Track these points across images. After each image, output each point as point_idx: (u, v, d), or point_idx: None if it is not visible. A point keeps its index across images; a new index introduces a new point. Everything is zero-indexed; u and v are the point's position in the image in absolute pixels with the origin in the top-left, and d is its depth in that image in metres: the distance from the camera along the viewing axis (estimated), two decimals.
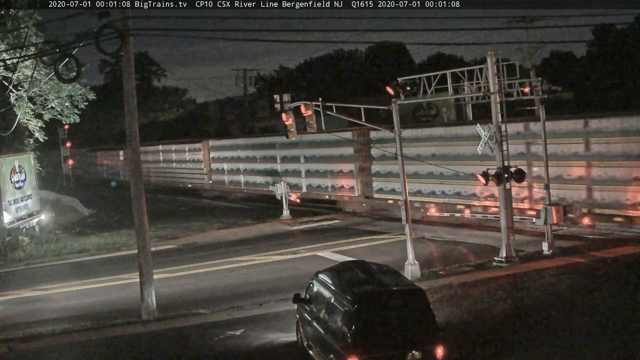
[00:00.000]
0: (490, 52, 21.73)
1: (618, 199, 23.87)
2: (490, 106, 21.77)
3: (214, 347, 15.55)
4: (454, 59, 78.55)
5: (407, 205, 20.76)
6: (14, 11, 30.42)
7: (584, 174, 25.05)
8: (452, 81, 27.22)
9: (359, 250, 25.08)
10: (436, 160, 28.58)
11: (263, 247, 27.87)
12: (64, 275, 25.02)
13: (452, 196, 29.51)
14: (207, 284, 22.32)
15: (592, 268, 19.50)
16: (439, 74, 26.07)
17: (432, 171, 29.18)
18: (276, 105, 25.94)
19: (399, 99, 21.44)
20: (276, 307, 18.24)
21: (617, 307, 15.79)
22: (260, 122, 75.15)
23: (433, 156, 29.41)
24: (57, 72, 20.43)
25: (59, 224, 36.84)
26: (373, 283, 12.89)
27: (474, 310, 16.55)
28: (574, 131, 25.49)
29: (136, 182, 18.75)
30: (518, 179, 21.41)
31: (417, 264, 20.69)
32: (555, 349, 13.69)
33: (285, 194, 35.23)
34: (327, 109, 22.39)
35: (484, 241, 25.08)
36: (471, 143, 25.43)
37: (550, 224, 21.94)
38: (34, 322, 18.64)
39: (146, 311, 18.44)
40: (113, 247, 30.02)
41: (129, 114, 18.57)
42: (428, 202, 30.49)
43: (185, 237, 31.67)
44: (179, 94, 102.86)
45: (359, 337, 11.73)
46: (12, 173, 32.93)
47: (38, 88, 31.81)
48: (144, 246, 18.67)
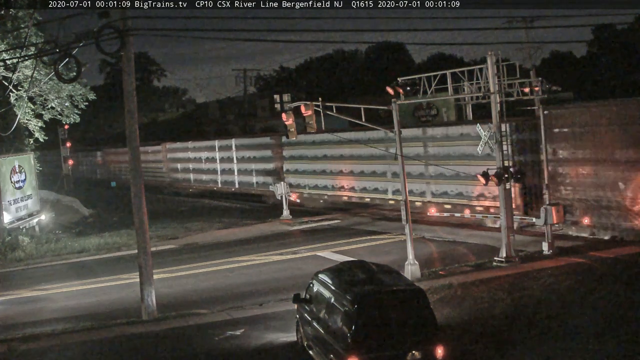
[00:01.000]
0: (491, 52, 21.72)
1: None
2: (490, 106, 21.77)
3: (214, 347, 15.55)
4: (454, 59, 78.55)
5: (407, 205, 20.75)
6: (14, 11, 30.42)
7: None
8: (452, 81, 27.25)
9: (359, 250, 25.07)
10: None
11: (263, 247, 27.87)
12: (64, 275, 25.03)
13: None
14: (207, 284, 22.32)
15: (592, 268, 19.50)
16: (439, 74, 26.10)
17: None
18: (276, 105, 26.08)
19: (399, 99, 21.43)
20: (276, 307, 18.24)
21: (617, 307, 15.77)
22: (260, 122, 75.20)
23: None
24: (57, 72, 20.39)
25: (59, 224, 36.86)
26: (373, 283, 12.89)
27: (474, 310, 16.55)
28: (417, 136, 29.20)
29: (136, 182, 18.75)
30: (518, 179, 21.41)
31: (417, 264, 20.69)
32: (555, 349, 13.69)
33: (285, 194, 35.23)
34: (327, 109, 22.40)
35: (483, 241, 25.07)
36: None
37: (551, 224, 21.94)
38: (34, 322, 18.66)
39: (146, 311, 18.45)
40: (113, 247, 30.02)
41: (129, 114, 18.57)
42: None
43: (185, 237, 31.67)
44: (179, 94, 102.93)
45: (359, 337, 11.73)
46: (12, 173, 32.94)
47: (38, 88, 31.80)
48: (144, 246, 18.68)
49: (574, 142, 24.12)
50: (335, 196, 36.11)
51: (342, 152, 34.94)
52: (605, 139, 23.07)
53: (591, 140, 23.56)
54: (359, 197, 34.51)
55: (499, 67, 21.79)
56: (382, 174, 32.26)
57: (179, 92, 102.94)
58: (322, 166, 36.53)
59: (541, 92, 24.82)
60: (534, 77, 25.86)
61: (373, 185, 33.08)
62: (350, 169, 34.72)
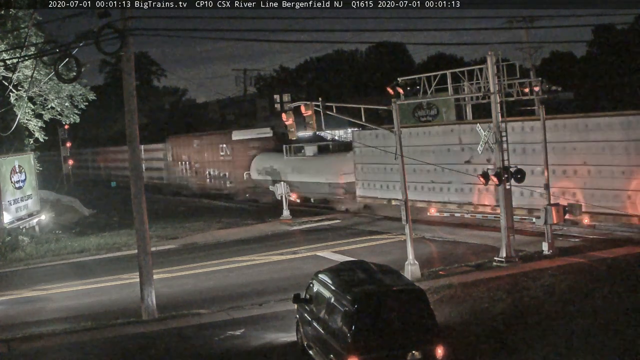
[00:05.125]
0: (491, 52, 21.72)
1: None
2: (490, 106, 21.76)
3: (214, 347, 15.55)
4: (454, 59, 78.51)
5: (407, 205, 20.74)
6: (14, 11, 30.38)
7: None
8: (452, 81, 27.23)
9: (359, 250, 25.07)
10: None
11: (263, 247, 27.87)
12: (64, 275, 25.03)
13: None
14: (207, 284, 22.32)
15: (592, 268, 19.49)
16: (439, 74, 26.10)
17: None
18: (276, 105, 26.08)
19: (399, 99, 21.43)
20: (276, 307, 18.23)
21: (617, 307, 15.77)
22: (261, 122, 75.11)
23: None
24: (57, 72, 20.42)
25: (59, 224, 36.83)
26: (373, 283, 12.90)
27: (474, 310, 16.54)
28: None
29: (136, 181, 18.75)
30: (518, 179, 21.39)
31: (417, 264, 20.68)
32: (555, 349, 13.68)
33: (285, 194, 35.20)
34: (327, 109, 22.39)
35: (483, 241, 25.07)
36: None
37: (551, 224, 21.93)
38: (34, 322, 18.65)
39: (146, 311, 18.44)
40: (113, 247, 30.01)
41: (129, 114, 18.56)
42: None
43: (185, 237, 31.66)
44: (179, 93, 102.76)
45: (359, 337, 11.73)
46: (12, 173, 32.93)
47: (38, 88, 31.78)
48: (144, 246, 18.67)
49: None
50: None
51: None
52: None
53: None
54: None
55: (499, 67, 21.79)
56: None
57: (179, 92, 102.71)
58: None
59: (541, 92, 24.83)
60: (534, 77, 25.87)
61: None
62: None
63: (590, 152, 23.50)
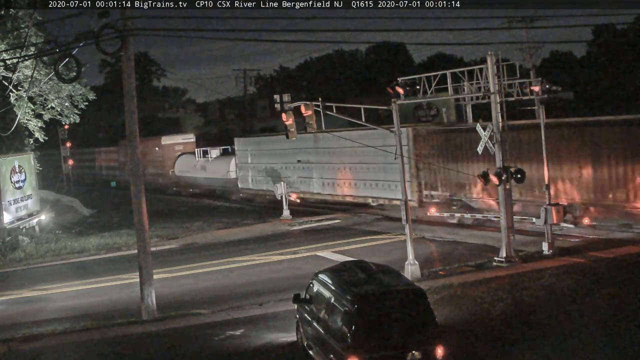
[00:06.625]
0: (491, 52, 21.71)
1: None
2: (490, 106, 21.75)
3: (214, 347, 15.55)
4: (454, 59, 78.58)
5: (407, 205, 20.74)
6: (14, 11, 30.39)
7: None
8: (452, 81, 27.16)
9: (359, 250, 25.06)
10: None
11: (263, 247, 27.87)
12: (64, 275, 25.03)
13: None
14: (207, 284, 22.32)
15: (592, 268, 19.49)
16: (439, 74, 26.04)
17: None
18: (276, 105, 26.10)
19: (399, 99, 21.42)
20: (276, 307, 18.23)
21: (617, 307, 15.77)
22: (260, 122, 75.17)
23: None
24: (57, 72, 20.40)
25: (58, 224, 36.83)
26: (373, 283, 12.88)
27: (474, 310, 16.54)
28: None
29: (136, 182, 18.74)
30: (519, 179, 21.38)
31: (417, 264, 20.69)
32: (555, 349, 13.69)
33: (285, 194, 35.21)
34: (327, 109, 22.39)
35: (484, 241, 25.07)
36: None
37: (551, 224, 21.93)
38: (34, 322, 18.65)
39: (146, 311, 18.44)
40: (113, 247, 30.01)
41: (129, 114, 18.56)
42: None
43: (185, 237, 31.67)
44: (179, 93, 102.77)
45: (359, 337, 11.72)
46: (12, 173, 32.93)
47: (38, 88, 31.78)
48: (144, 246, 18.67)
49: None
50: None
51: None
52: None
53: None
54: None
55: (499, 67, 21.77)
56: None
57: (179, 92, 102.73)
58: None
59: (541, 92, 24.79)
60: (534, 77, 25.82)
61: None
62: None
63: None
